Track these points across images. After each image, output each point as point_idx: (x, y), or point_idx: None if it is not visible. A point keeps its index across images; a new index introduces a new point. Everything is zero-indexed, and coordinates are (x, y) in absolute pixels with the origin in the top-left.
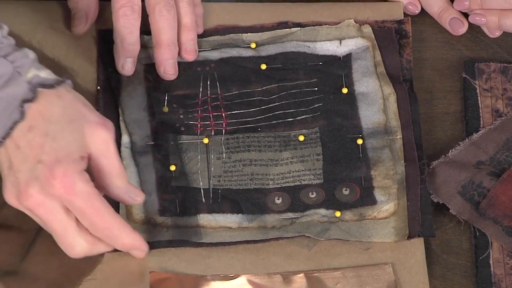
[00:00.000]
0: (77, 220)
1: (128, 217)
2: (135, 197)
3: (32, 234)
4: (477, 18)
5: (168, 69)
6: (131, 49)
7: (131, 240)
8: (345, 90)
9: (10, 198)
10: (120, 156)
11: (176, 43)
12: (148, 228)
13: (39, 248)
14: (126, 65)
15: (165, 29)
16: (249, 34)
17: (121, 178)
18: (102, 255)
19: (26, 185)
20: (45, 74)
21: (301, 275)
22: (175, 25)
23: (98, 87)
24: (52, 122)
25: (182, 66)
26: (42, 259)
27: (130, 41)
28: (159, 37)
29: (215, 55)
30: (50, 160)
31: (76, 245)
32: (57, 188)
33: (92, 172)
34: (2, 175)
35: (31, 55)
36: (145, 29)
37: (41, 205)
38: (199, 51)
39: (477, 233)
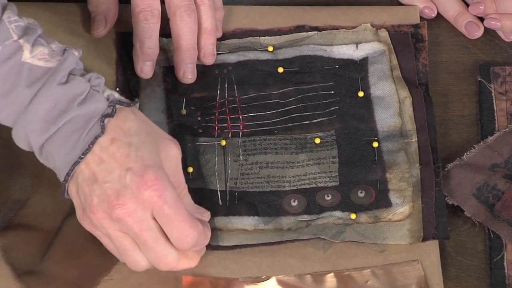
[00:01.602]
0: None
1: None
2: (201, 216)
3: (51, 234)
4: (492, 22)
5: (187, 73)
6: (150, 53)
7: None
8: (361, 94)
9: (97, 213)
10: None
11: (195, 48)
12: None
13: (58, 248)
14: (145, 68)
15: (185, 33)
16: (266, 37)
17: (187, 197)
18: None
19: (117, 195)
20: (117, 95)
21: (331, 274)
22: (195, 30)
23: (117, 89)
24: (132, 135)
25: (200, 68)
26: (61, 259)
27: (149, 45)
28: (179, 42)
29: (232, 58)
30: (139, 167)
31: (168, 254)
32: (149, 192)
33: None
34: (84, 194)
35: (103, 78)
36: (164, 31)
37: (133, 214)
38: (217, 54)
39: (492, 235)
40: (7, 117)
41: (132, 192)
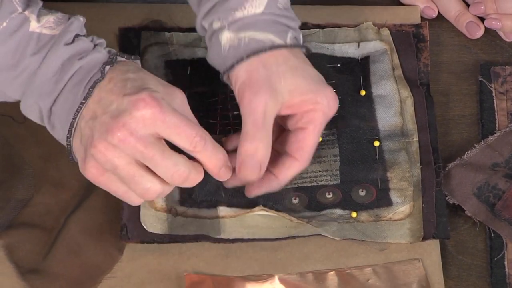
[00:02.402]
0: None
1: (151, 205)
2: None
3: (54, 233)
4: (493, 22)
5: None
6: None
7: (223, 154)
8: (363, 93)
9: (99, 145)
10: None
11: None
12: (169, 218)
13: (61, 246)
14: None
15: None
16: None
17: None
18: (121, 252)
19: (116, 119)
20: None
21: (333, 272)
22: None
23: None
24: (129, 73)
25: (202, 63)
26: (64, 258)
27: None
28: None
29: None
30: (136, 89)
31: (179, 163)
32: (147, 110)
33: None
34: (86, 136)
35: (104, 40)
36: (166, 26)
37: (134, 133)
38: None
39: (492, 234)
40: (16, 89)
41: (131, 113)
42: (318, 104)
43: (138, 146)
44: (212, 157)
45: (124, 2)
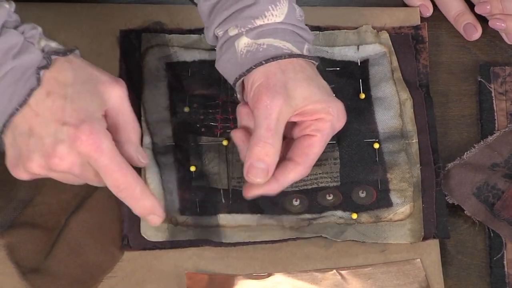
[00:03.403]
0: None
1: None
2: (142, 158)
3: (55, 233)
4: (497, 23)
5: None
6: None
7: (151, 203)
8: (362, 96)
9: (37, 166)
10: None
11: None
12: (170, 227)
13: (62, 246)
14: None
15: None
16: None
17: (136, 134)
18: (122, 252)
19: (54, 147)
20: (55, 44)
21: (333, 271)
22: None
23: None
24: (68, 86)
25: (203, 65)
26: (65, 257)
27: None
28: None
29: None
30: (75, 121)
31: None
32: (85, 146)
33: (109, 130)
34: (20, 147)
35: (39, 28)
36: (169, 28)
37: (71, 165)
38: None
39: (492, 234)
40: None
41: (70, 146)
42: (329, 114)
43: (74, 170)
44: (137, 205)
45: (126, 2)
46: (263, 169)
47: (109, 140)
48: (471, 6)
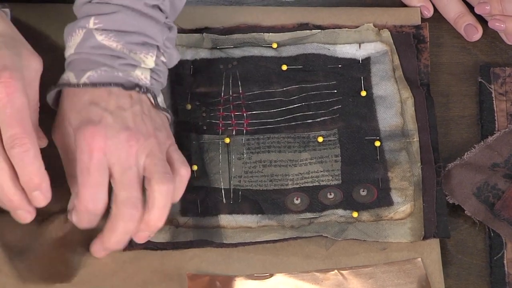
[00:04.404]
0: None
1: None
2: (39, 137)
3: (43, 217)
4: (497, 24)
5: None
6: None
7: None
8: (363, 93)
9: None
10: None
11: None
12: (171, 229)
13: (50, 230)
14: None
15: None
16: (270, 34)
17: (35, 114)
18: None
19: None
20: None
21: (334, 272)
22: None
23: None
24: None
25: (205, 63)
26: (52, 241)
27: None
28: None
29: (237, 53)
30: None
31: None
32: (0, 87)
33: None
34: None
35: None
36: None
37: None
38: (222, 48)
39: (492, 234)
40: None
41: None
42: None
43: None
44: (26, 168)
45: None
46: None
47: (24, 95)
48: (470, 8)
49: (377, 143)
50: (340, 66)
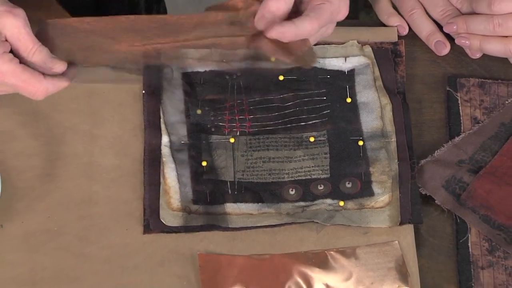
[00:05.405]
0: None
1: (168, 206)
2: (53, 66)
3: None
4: (462, 41)
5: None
6: None
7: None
8: (349, 100)
9: None
10: (161, 154)
11: None
12: (184, 215)
13: None
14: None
15: None
16: None
17: (36, 55)
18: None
19: None
20: None
21: (324, 252)
22: None
23: (143, 91)
24: None
25: (214, 73)
26: None
27: None
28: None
29: (241, 66)
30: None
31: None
32: (8, 19)
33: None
34: None
35: None
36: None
37: None
38: (228, 62)
39: (458, 220)
40: None
41: None
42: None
43: None
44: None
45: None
46: (272, 21)
47: (8, 62)
48: (439, 27)
49: (361, 143)
50: (329, 76)
